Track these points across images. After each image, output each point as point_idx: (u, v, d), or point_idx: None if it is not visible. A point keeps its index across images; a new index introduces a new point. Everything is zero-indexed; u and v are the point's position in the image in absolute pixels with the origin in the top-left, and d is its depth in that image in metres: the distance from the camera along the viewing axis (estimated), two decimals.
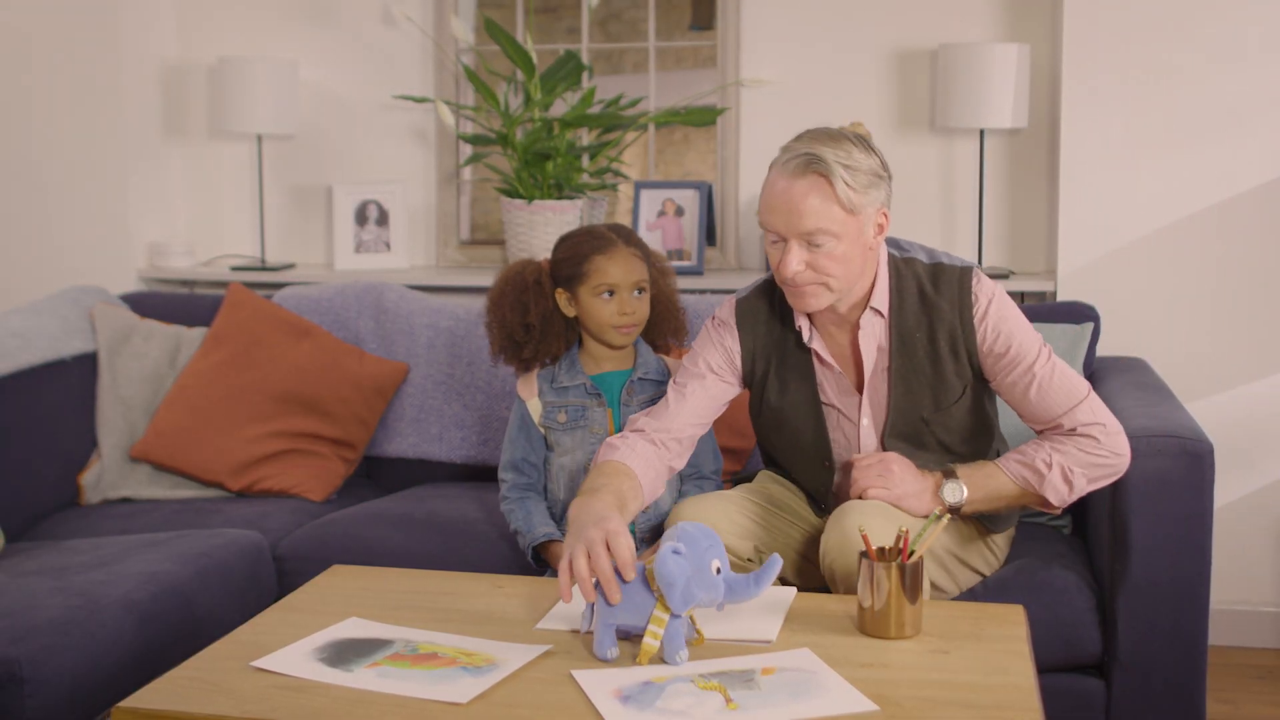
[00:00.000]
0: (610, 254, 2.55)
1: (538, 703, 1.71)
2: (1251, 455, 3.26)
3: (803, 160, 2.16)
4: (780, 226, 2.19)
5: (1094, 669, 2.48)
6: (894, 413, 2.33)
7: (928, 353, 2.30)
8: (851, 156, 2.17)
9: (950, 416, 2.34)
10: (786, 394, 2.37)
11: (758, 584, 1.83)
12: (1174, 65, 3.22)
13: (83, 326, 3.23)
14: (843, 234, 2.17)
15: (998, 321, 2.28)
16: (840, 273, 2.20)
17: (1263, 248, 3.24)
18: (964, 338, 2.29)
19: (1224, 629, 3.27)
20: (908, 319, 2.30)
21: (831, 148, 2.16)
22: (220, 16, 3.92)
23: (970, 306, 2.28)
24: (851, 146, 2.18)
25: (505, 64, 3.75)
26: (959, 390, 2.32)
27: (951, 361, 2.30)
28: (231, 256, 3.94)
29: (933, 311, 2.29)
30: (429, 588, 2.18)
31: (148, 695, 1.75)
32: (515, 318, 2.58)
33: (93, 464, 3.12)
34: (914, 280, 2.31)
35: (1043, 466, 2.25)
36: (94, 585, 2.38)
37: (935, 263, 2.32)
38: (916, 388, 2.32)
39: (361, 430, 3.22)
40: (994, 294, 2.30)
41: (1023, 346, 2.27)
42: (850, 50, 3.60)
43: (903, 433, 2.34)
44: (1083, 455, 2.24)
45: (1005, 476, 2.28)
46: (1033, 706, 1.69)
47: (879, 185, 2.21)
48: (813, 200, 2.15)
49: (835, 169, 2.14)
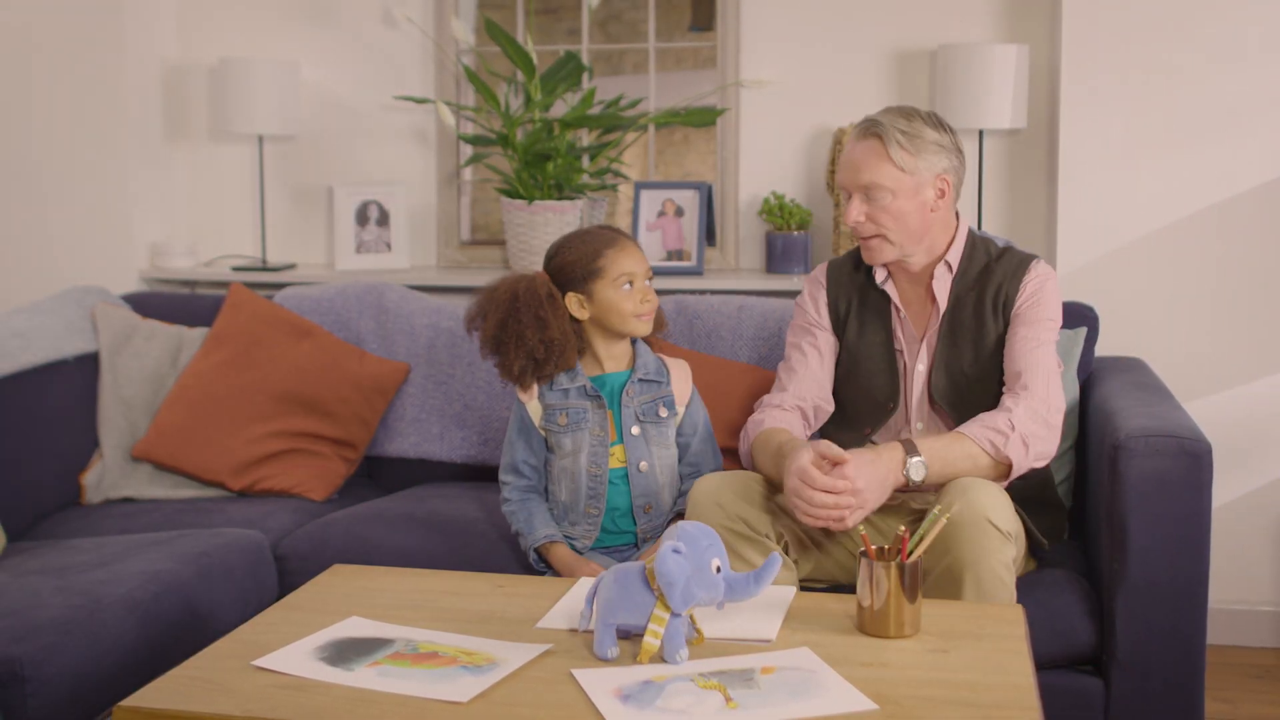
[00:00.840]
0: (621, 246, 2.58)
1: (538, 702, 1.71)
2: (1250, 455, 3.27)
3: (865, 125, 2.49)
4: (844, 181, 2.51)
5: (1093, 668, 2.48)
6: (938, 365, 2.51)
7: (974, 310, 2.52)
8: (913, 125, 2.46)
9: (986, 374, 2.51)
10: (864, 335, 2.59)
11: (757, 583, 1.84)
12: (1173, 66, 3.23)
13: (84, 326, 3.24)
14: (897, 190, 2.45)
15: (1039, 296, 2.50)
16: (896, 226, 2.47)
17: (1261, 248, 3.24)
18: (1006, 297, 2.51)
19: (1222, 628, 3.27)
20: (968, 281, 2.54)
21: (897, 118, 2.47)
22: (221, 17, 3.92)
23: (1022, 276, 2.52)
24: (919, 120, 2.47)
25: (506, 65, 3.75)
26: (994, 349, 2.51)
27: (992, 320, 2.51)
28: (233, 257, 3.95)
29: (988, 277, 2.53)
30: (429, 587, 2.18)
31: (149, 694, 1.76)
32: (536, 335, 2.54)
33: (94, 464, 3.12)
34: (984, 254, 2.56)
35: (1005, 428, 2.36)
36: (96, 585, 2.38)
37: (1007, 246, 2.59)
38: (961, 342, 2.52)
39: (362, 430, 3.23)
40: (1048, 278, 2.53)
41: (1040, 314, 2.49)
42: (850, 51, 3.60)
43: (944, 385, 2.51)
44: (1034, 426, 2.38)
45: (969, 440, 2.35)
46: (1031, 705, 1.70)
47: (940, 154, 2.47)
48: (870, 158, 2.46)
49: (891, 132, 2.44)
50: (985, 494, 2.21)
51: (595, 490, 2.59)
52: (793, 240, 3.54)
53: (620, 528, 2.61)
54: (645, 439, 2.61)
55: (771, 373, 3.00)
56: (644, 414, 2.61)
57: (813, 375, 2.61)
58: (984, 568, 2.19)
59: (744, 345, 3.11)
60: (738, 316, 3.14)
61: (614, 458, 2.60)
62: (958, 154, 2.50)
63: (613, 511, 2.60)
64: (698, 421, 2.67)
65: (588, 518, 2.60)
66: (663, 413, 2.62)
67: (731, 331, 3.12)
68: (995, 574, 2.19)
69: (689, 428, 2.66)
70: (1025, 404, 2.39)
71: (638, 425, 2.60)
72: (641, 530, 2.61)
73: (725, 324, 3.13)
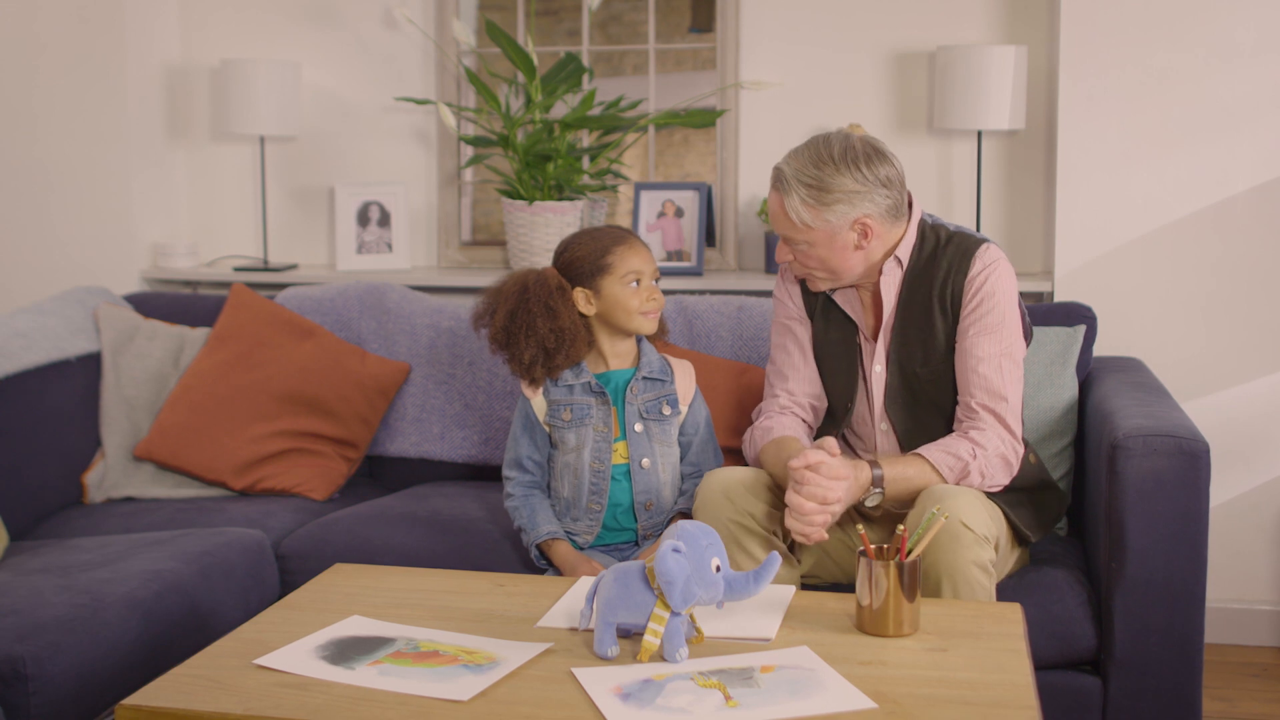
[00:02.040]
0: (630, 244, 2.61)
1: (538, 700, 1.72)
2: (1247, 454, 3.27)
3: (774, 173, 2.42)
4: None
5: (1091, 667, 2.49)
6: (891, 363, 2.47)
7: (922, 307, 2.45)
8: (822, 175, 2.35)
9: (938, 374, 2.45)
10: (828, 333, 2.56)
11: (757, 582, 1.84)
12: (1170, 67, 3.23)
13: (87, 327, 3.24)
14: (812, 240, 2.40)
15: (988, 289, 2.41)
16: (821, 267, 2.44)
17: (1258, 248, 3.25)
18: (953, 294, 2.43)
19: (1220, 627, 3.28)
20: (916, 273, 2.46)
21: (806, 166, 2.36)
22: (223, 19, 3.93)
23: (968, 269, 2.43)
24: (830, 166, 2.35)
25: (506, 66, 3.76)
26: (945, 348, 2.44)
27: (941, 318, 2.43)
28: (234, 257, 3.96)
29: (935, 268, 2.45)
30: (430, 586, 2.19)
31: (151, 692, 1.76)
32: (546, 325, 2.56)
33: (97, 463, 3.13)
34: (933, 242, 2.48)
35: (967, 456, 2.35)
36: (98, 583, 2.39)
37: (957, 231, 2.49)
38: (911, 340, 2.46)
39: (364, 430, 3.24)
40: (996, 267, 2.43)
41: (998, 319, 2.40)
42: (849, 52, 3.61)
43: (897, 385, 2.47)
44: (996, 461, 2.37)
45: (927, 464, 2.35)
46: (1030, 704, 1.70)
47: (855, 200, 2.36)
48: (776, 209, 2.42)
49: (793, 187, 2.37)
50: (959, 498, 2.22)
51: (598, 486, 2.60)
52: None
53: (621, 524, 2.63)
54: (648, 436, 2.62)
55: None
56: (647, 411, 2.62)
57: (801, 373, 2.58)
58: (958, 570, 2.19)
59: (743, 345, 3.12)
60: (737, 317, 3.15)
61: (616, 454, 2.61)
62: (882, 188, 2.37)
63: (614, 508, 2.61)
64: (700, 421, 2.69)
65: (590, 513, 2.61)
66: (666, 411, 2.64)
67: (731, 332, 3.13)
68: (969, 576, 2.20)
69: (691, 427, 2.67)
70: (994, 438, 2.37)
71: (641, 422, 2.61)
72: (642, 527, 2.62)
73: (725, 324, 3.14)
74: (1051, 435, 2.86)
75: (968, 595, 2.20)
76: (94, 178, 3.79)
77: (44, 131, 3.80)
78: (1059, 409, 2.87)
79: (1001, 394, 2.39)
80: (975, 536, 2.20)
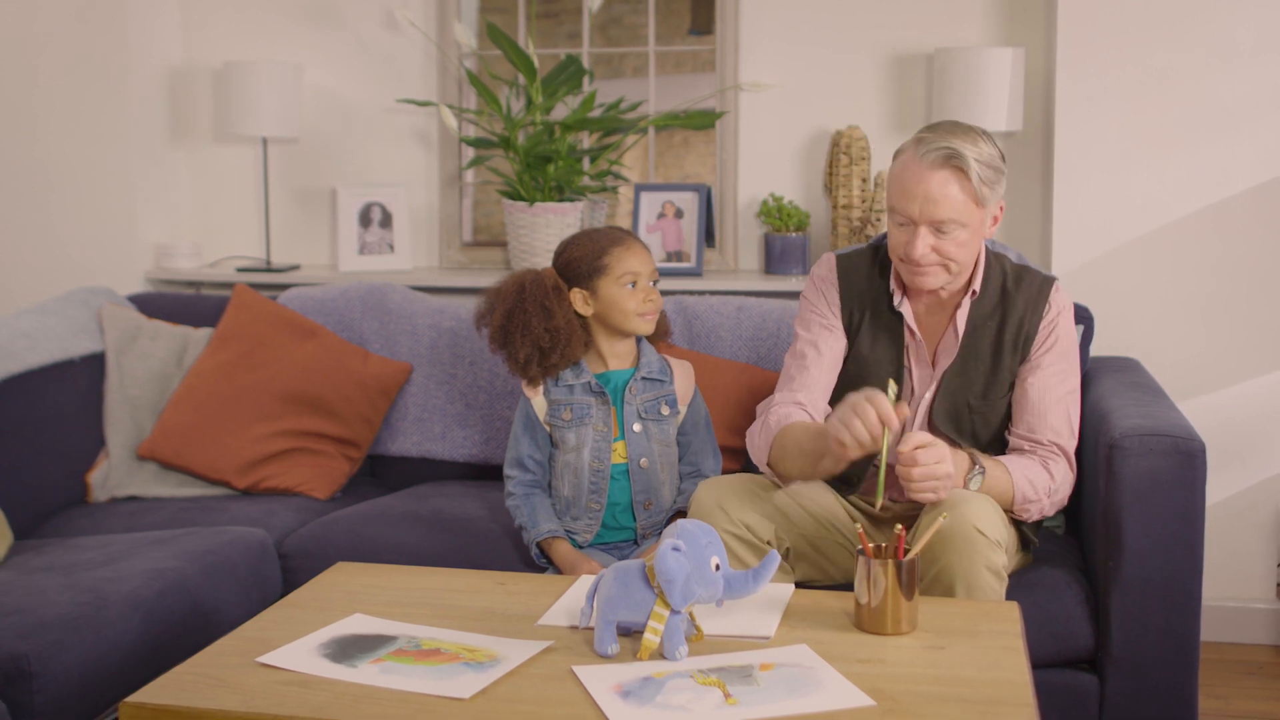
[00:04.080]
0: (628, 245, 2.62)
1: (539, 697, 1.73)
2: (1243, 454, 3.28)
3: (943, 154, 2.28)
4: (914, 213, 2.30)
5: (1088, 665, 2.50)
6: (943, 391, 2.43)
7: (993, 343, 2.43)
8: (982, 151, 2.30)
9: (992, 408, 2.45)
10: (876, 347, 2.47)
11: (756, 581, 1.85)
12: (1167, 68, 3.24)
13: (90, 327, 3.25)
14: (969, 223, 2.31)
15: (1062, 331, 2.43)
16: (962, 257, 2.34)
17: (1255, 249, 3.25)
18: (1026, 334, 2.42)
19: (1216, 625, 3.29)
20: (985, 307, 2.43)
21: (969, 143, 2.29)
22: (225, 21, 3.94)
23: (1044, 309, 2.42)
24: (982, 141, 2.32)
25: (507, 68, 3.77)
26: (1007, 385, 2.43)
27: (1010, 356, 2.43)
28: (237, 258, 3.97)
29: (1009, 305, 2.43)
30: (432, 584, 2.20)
31: (154, 690, 1.77)
32: (541, 324, 2.59)
33: (100, 462, 3.14)
34: (1000, 275, 2.44)
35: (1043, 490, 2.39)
36: (102, 582, 2.39)
37: (1022, 264, 2.47)
38: (972, 373, 2.44)
39: (366, 429, 3.25)
40: (1066, 308, 2.45)
41: (1063, 360, 2.43)
42: (847, 54, 3.62)
43: (946, 412, 2.44)
44: (1054, 500, 2.41)
45: (1009, 477, 2.36)
46: (1027, 701, 1.71)
47: (1002, 179, 2.34)
48: (951, 190, 2.28)
49: (972, 164, 2.28)
50: (972, 503, 2.23)
51: (597, 485, 2.61)
52: (791, 242, 3.56)
53: (620, 523, 2.64)
54: (647, 436, 2.63)
55: (771, 373, 3.02)
56: (646, 411, 2.64)
57: (819, 377, 2.49)
58: (973, 574, 2.20)
59: (743, 345, 3.13)
60: (736, 317, 3.16)
61: (616, 454, 2.63)
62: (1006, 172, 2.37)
63: (613, 507, 2.63)
64: (699, 421, 2.70)
65: (589, 512, 2.62)
66: (665, 411, 2.65)
67: (730, 332, 3.14)
68: (983, 580, 2.21)
69: (690, 427, 2.69)
70: (1063, 474, 2.41)
71: (640, 422, 2.63)
72: (641, 526, 2.63)
73: (724, 324, 3.15)
74: None
75: (981, 599, 2.20)
76: (98, 179, 3.80)
77: (48, 133, 3.81)
78: None
79: (1073, 432, 2.42)
80: (989, 541, 2.20)
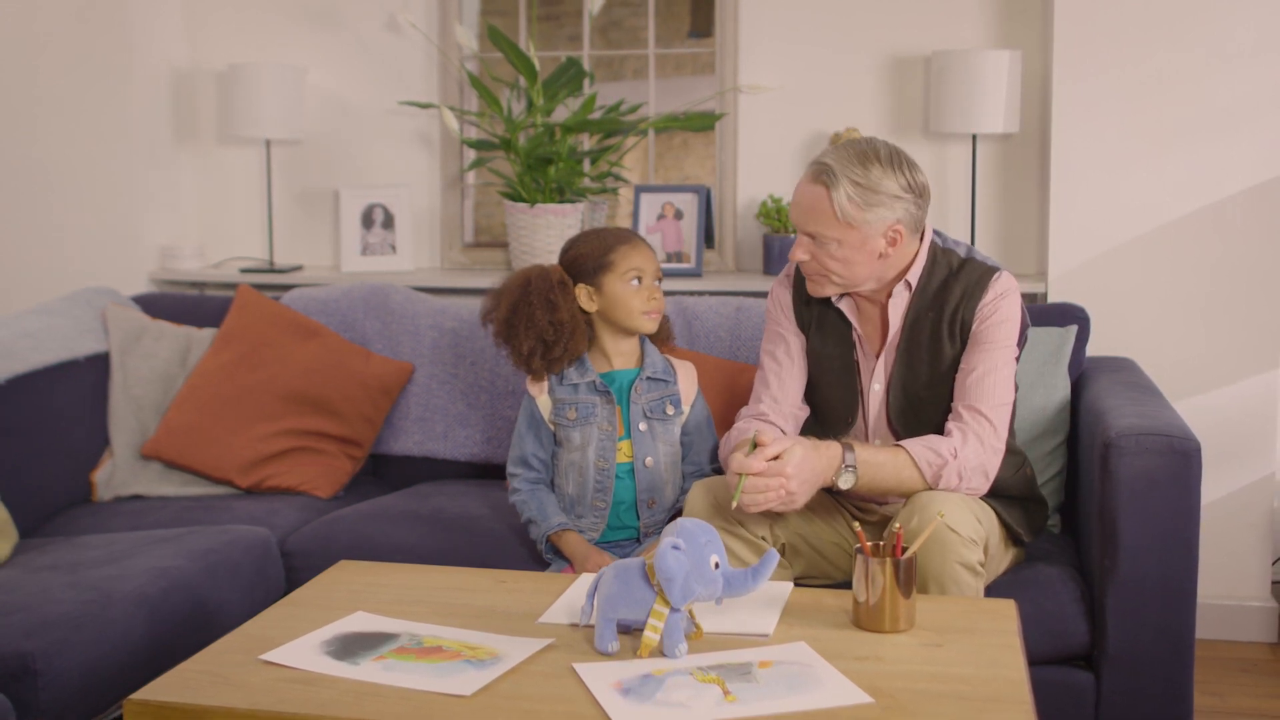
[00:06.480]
0: (634, 244, 2.64)
1: (540, 695, 1.73)
2: (1238, 453, 3.28)
3: (816, 168, 2.36)
4: (793, 217, 2.42)
5: (1084, 662, 2.51)
6: (894, 384, 2.45)
7: (932, 331, 2.44)
8: (869, 174, 2.32)
9: (941, 395, 2.44)
10: (828, 344, 2.53)
11: (755, 579, 1.86)
12: (1163, 70, 3.25)
13: (95, 327, 3.26)
14: (842, 240, 2.35)
15: (997, 318, 2.40)
16: (841, 270, 2.38)
17: (1251, 250, 3.26)
18: (964, 321, 2.42)
19: (1211, 623, 3.30)
20: (927, 297, 2.44)
21: (852, 164, 2.32)
22: (229, 23, 3.95)
23: (981, 295, 2.41)
24: (877, 167, 2.33)
25: (508, 70, 3.78)
26: (950, 372, 2.44)
27: (949, 344, 2.42)
28: (240, 259, 3.98)
29: (947, 295, 2.43)
30: (433, 583, 2.21)
31: (158, 688, 1.77)
32: (545, 316, 2.61)
33: (104, 462, 3.15)
34: (945, 268, 2.45)
35: (948, 455, 2.33)
36: (106, 580, 2.40)
37: (969, 258, 2.46)
38: (916, 364, 2.45)
39: (368, 429, 3.26)
40: (1007, 295, 2.42)
41: (999, 339, 2.40)
42: (846, 56, 3.63)
43: (900, 404, 2.46)
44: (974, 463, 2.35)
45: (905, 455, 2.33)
46: (1023, 699, 1.72)
47: (895, 204, 2.34)
48: (820, 205, 2.35)
49: (841, 183, 2.32)
50: (946, 503, 2.24)
51: (602, 484, 2.63)
52: (790, 243, 3.57)
53: (624, 522, 2.66)
54: (652, 435, 2.65)
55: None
56: (651, 411, 2.65)
57: (785, 384, 2.55)
58: (945, 572, 2.22)
59: (742, 346, 3.14)
60: (735, 318, 3.17)
61: (620, 453, 2.64)
62: (917, 198, 2.36)
63: (617, 505, 2.64)
64: (701, 422, 2.71)
65: (595, 511, 2.64)
66: (669, 410, 2.67)
67: (729, 332, 3.16)
68: (957, 576, 2.23)
69: (693, 427, 2.70)
70: (974, 438, 2.36)
71: (645, 422, 2.64)
72: (644, 525, 2.65)
73: (723, 325, 3.17)
74: (1044, 434, 2.89)
75: (956, 595, 2.22)
76: (101, 180, 3.82)
77: (52, 135, 3.82)
78: (1051, 408, 2.90)
79: (989, 402, 2.38)
80: (961, 539, 2.22)
